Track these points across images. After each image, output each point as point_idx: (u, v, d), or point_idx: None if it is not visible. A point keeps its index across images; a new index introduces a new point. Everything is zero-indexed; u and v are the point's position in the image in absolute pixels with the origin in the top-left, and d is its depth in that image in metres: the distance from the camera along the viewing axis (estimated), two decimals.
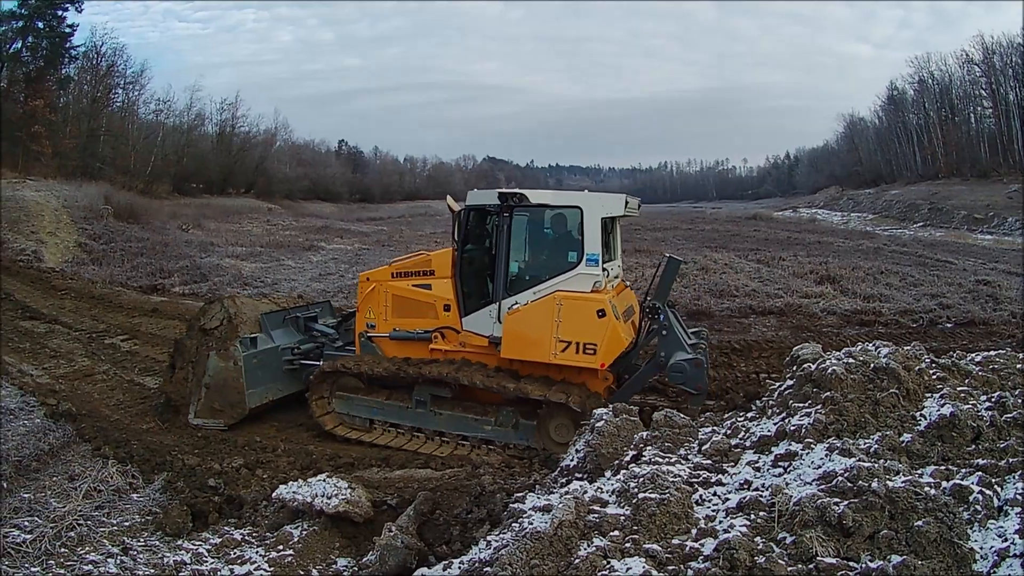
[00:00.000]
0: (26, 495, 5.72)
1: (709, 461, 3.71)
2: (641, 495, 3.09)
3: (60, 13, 35.01)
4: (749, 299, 13.43)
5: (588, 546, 2.85)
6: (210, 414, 7.50)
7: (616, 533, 2.92)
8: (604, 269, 6.46)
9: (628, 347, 6.50)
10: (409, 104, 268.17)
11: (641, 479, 3.21)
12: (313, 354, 8.00)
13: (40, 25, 34.82)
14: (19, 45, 34.76)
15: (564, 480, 4.00)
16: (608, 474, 3.73)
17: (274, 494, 4.95)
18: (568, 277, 6.42)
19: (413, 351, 6.94)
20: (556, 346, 6.18)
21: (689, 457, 3.80)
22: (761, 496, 3.11)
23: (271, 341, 7.89)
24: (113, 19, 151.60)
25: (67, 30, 35.63)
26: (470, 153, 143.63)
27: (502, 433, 6.60)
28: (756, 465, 3.58)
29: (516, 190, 6.63)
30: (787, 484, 3.19)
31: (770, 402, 4.39)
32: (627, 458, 3.77)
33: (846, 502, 2.82)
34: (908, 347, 4.40)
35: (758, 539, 2.79)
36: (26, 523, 5.22)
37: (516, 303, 6.52)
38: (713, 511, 3.17)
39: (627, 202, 6.51)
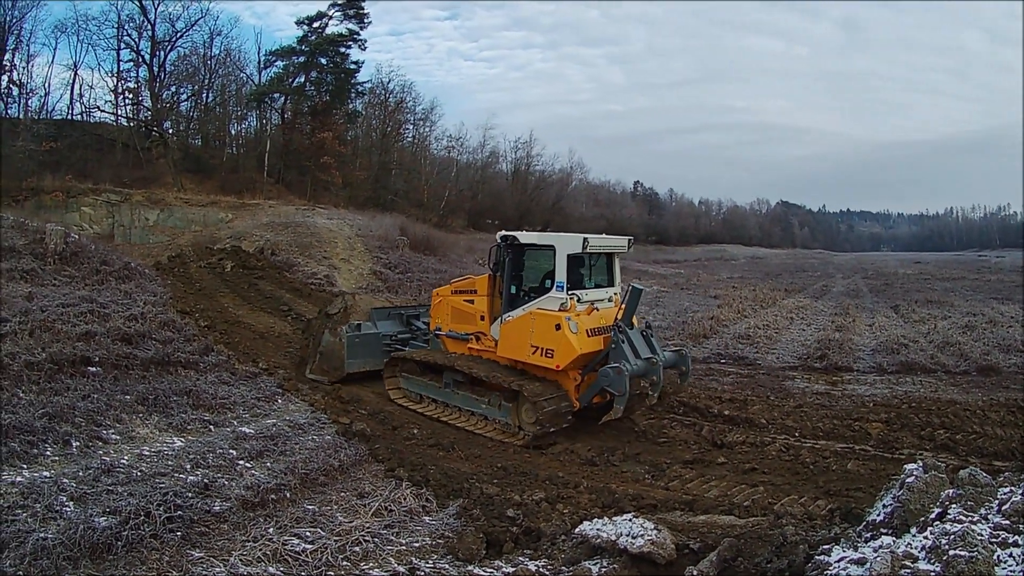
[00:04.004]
0: (310, 507, 5.70)
1: (1008, 521, 3.72)
2: (952, 552, 3.25)
3: (343, 50, 35.09)
4: None
5: None
6: (320, 373, 10.33)
7: None
8: (573, 294, 8.02)
9: (591, 355, 7.95)
10: (701, 145, 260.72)
11: (952, 536, 3.35)
12: (404, 342, 10.55)
13: (323, 61, 35.06)
14: (302, 79, 35.12)
15: (869, 534, 4.12)
16: (914, 530, 3.85)
17: (577, 529, 4.93)
18: (544, 299, 8.17)
19: (460, 347, 9.24)
20: (529, 349, 8.08)
21: (989, 517, 3.83)
22: None
23: (374, 328, 10.49)
24: (397, 57, 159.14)
25: (352, 66, 35.65)
26: (763, 196, 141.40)
27: (492, 411, 8.40)
28: None
29: (512, 232, 8.65)
30: None
31: None
32: (932, 515, 3.88)
33: None
34: None
35: None
36: (308, 533, 5.19)
37: (511, 316, 8.44)
38: (1011, 572, 3.26)
39: (586, 241, 7.96)
